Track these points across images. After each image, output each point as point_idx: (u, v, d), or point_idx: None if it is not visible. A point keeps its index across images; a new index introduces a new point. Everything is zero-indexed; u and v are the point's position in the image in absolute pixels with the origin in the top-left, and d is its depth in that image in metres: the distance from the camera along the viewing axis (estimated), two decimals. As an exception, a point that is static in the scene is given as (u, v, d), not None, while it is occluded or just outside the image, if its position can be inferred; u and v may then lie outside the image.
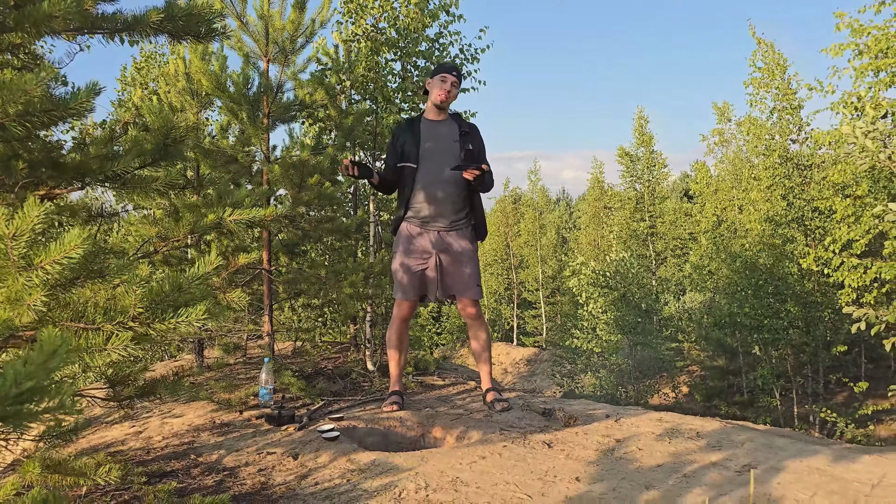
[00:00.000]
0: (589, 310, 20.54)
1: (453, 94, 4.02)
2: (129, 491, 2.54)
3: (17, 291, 1.60)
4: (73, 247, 1.46)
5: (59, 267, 1.48)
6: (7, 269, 1.59)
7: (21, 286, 1.57)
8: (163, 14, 2.40)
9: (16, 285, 1.55)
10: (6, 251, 1.52)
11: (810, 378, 16.93)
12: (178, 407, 4.20)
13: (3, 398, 0.73)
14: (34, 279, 1.58)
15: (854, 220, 11.95)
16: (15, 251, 1.51)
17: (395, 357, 4.11)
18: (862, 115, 6.39)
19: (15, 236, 1.49)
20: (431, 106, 4.06)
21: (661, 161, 32.64)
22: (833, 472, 2.64)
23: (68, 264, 1.56)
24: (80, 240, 1.50)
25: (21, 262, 1.56)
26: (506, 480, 2.61)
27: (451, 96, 4.00)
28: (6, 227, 1.49)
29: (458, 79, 4.03)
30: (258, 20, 4.76)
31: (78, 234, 1.46)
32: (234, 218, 2.39)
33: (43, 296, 1.61)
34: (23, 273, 1.58)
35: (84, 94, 1.92)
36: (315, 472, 2.82)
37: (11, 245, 1.50)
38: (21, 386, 0.75)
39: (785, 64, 17.44)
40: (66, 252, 1.46)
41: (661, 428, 3.36)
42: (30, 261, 1.56)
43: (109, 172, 2.10)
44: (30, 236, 1.53)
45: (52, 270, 1.57)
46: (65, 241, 1.51)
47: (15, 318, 1.64)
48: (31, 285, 1.59)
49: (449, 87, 3.98)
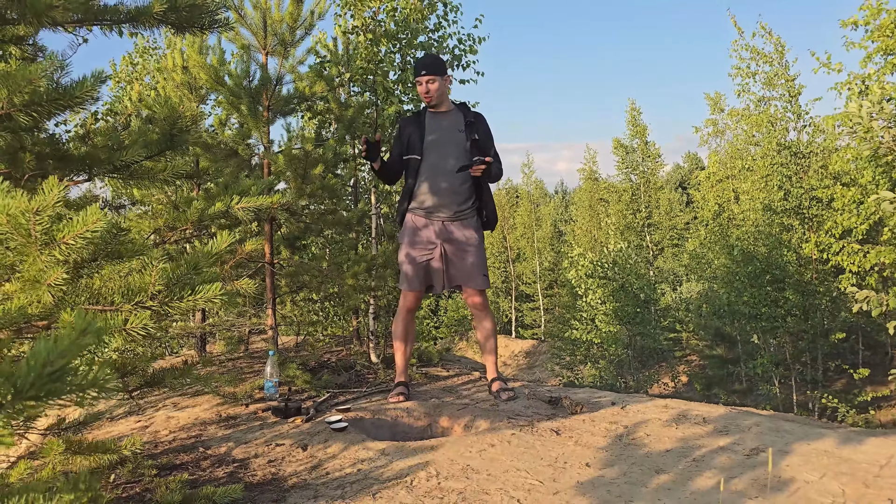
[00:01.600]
0: (588, 301, 20.57)
1: (434, 89, 3.94)
2: (141, 483, 2.54)
3: (37, 271, 1.59)
4: (95, 220, 1.46)
5: (81, 241, 1.48)
6: (28, 248, 1.58)
7: (42, 265, 1.56)
8: (166, 5, 2.38)
9: (37, 264, 1.54)
10: (28, 227, 1.51)
11: (809, 365, 16.99)
12: (183, 401, 4.20)
13: (37, 377, 0.73)
14: (56, 255, 1.57)
15: (855, 206, 11.95)
16: (38, 227, 1.50)
17: (402, 348, 4.11)
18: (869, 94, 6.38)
19: (38, 211, 1.48)
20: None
21: (656, 151, 32.67)
22: (841, 454, 2.65)
23: (91, 237, 1.55)
24: (101, 214, 1.50)
25: (43, 238, 1.55)
26: (516, 467, 2.61)
27: (433, 92, 3.94)
28: (29, 203, 1.48)
29: (429, 73, 3.93)
30: (255, 12, 4.74)
31: (96, 209, 1.46)
32: (242, 206, 2.39)
33: (63, 274, 1.60)
34: (44, 250, 1.57)
35: (90, 83, 1.91)
36: (325, 463, 2.82)
37: (35, 220, 1.49)
38: (54, 364, 0.74)
39: (783, 49, 17.31)
40: (90, 226, 1.46)
41: (667, 414, 3.37)
42: (52, 236, 1.55)
43: (118, 163, 2.09)
44: (52, 212, 1.52)
45: (75, 245, 1.56)
46: (87, 216, 1.51)
47: (30, 306, 1.64)
48: (52, 263, 1.59)
49: (426, 88, 3.93)
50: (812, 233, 15.66)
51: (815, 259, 15.76)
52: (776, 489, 2.29)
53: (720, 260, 19.03)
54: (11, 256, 1.58)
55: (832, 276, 15.89)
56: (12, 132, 1.97)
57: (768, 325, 16.11)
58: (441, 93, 3.99)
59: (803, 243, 15.63)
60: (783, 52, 17.37)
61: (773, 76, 17.43)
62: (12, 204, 1.45)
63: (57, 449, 1.87)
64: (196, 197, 4.64)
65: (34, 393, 0.74)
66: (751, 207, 19.70)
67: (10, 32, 2.24)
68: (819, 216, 15.96)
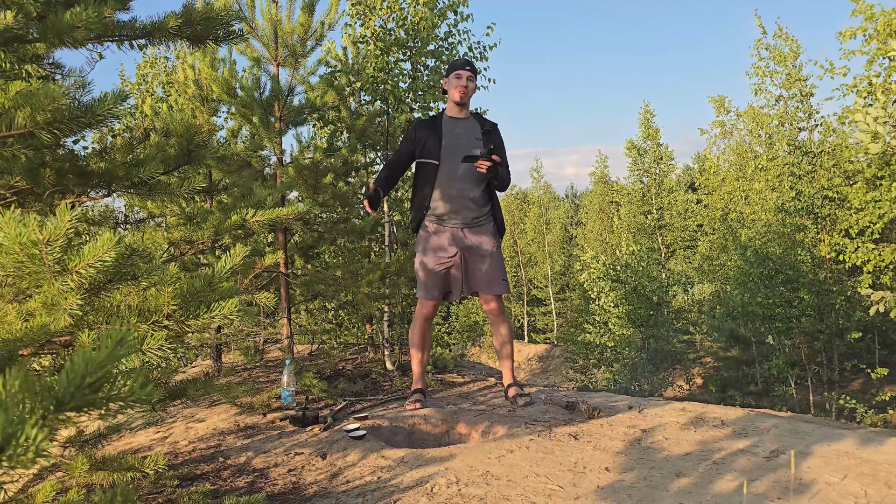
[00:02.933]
0: (600, 304, 20.51)
1: (471, 88, 4.04)
2: (163, 494, 2.56)
3: (53, 296, 1.62)
4: (106, 250, 1.48)
5: (93, 270, 1.50)
6: (42, 275, 1.61)
7: (56, 291, 1.58)
8: (181, 19, 2.41)
9: (52, 290, 1.57)
10: (41, 256, 1.53)
11: (825, 366, 16.86)
12: (201, 412, 4.22)
13: (77, 388, 0.75)
14: (69, 283, 1.60)
15: (873, 204, 11.88)
16: (50, 256, 1.52)
17: (418, 356, 4.12)
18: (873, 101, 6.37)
19: (49, 241, 1.50)
20: (452, 104, 4.08)
21: (668, 154, 32.59)
22: (862, 455, 2.64)
23: (101, 267, 1.57)
24: (112, 243, 1.51)
25: (56, 267, 1.58)
26: (535, 473, 2.62)
27: (469, 91, 4.03)
28: (40, 234, 1.51)
29: (472, 72, 4.06)
30: (266, 24, 4.79)
31: (109, 238, 1.48)
32: (258, 219, 2.41)
33: (78, 300, 1.63)
34: (58, 278, 1.60)
35: (111, 101, 1.94)
36: (345, 471, 2.83)
37: (46, 251, 1.51)
38: (93, 375, 0.76)
39: (798, 50, 17.34)
40: (100, 255, 1.47)
41: (685, 417, 3.36)
42: (64, 265, 1.57)
43: (136, 179, 2.12)
44: (63, 241, 1.55)
45: (87, 274, 1.58)
46: (97, 245, 1.53)
47: (51, 323, 1.66)
48: (66, 289, 1.61)
49: (465, 83, 4.00)
50: (825, 233, 15.57)
51: (829, 259, 15.66)
52: (798, 491, 2.28)
53: (733, 261, 18.93)
54: (27, 281, 1.60)
55: (847, 276, 15.78)
56: (34, 149, 2.00)
57: (783, 325, 16.01)
58: (470, 95, 4.07)
59: (818, 243, 15.53)
60: (797, 54, 17.39)
61: (788, 74, 17.43)
62: (25, 233, 1.47)
63: (82, 466, 1.89)
64: (211, 209, 4.68)
65: (75, 404, 0.76)
66: (762, 208, 19.61)
67: (29, 52, 2.27)
68: (832, 215, 15.87)
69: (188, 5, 2.46)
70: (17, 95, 1.95)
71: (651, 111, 32.50)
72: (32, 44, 2.25)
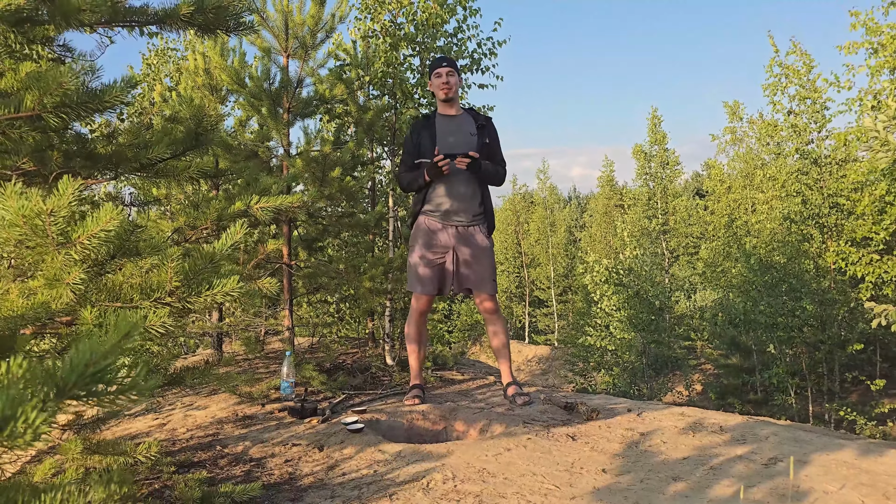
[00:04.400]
0: (602, 307, 20.47)
1: (454, 83, 4.02)
2: (160, 480, 2.56)
3: (56, 270, 1.61)
4: (109, 219, 1.48)
5: (96, 241, 1.49)
6: (45, 248, 1.60)
7: (60, 264, 1.58)
8: (193, 7, 2.41)
9: (55, 263, 1.56)
10: (44, 227, 1.53)
11: (825, 376, 16.80)
12: (200, 400, 4.23)
13: (79, 376, 0.74)
14: (73, 255, 1.60)
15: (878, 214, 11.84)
16: (53, 227, 1.52)
17: (415, 351, 4.12)
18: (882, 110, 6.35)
19: (52, 212, 1.50)
20: (441, 103, 4.08)
21: (675, 159, 32.52)
22: (861, 465, 2.62)
23: (105, 238, 1.57)
24: (115, 213, 1.51)
25: (59, 239, 1.58)
26: (532, 472, 2.61)
27: (452, 86, 4.01)
28: (44, 204, 1.50)
29: (451, 66, 4.03)
30: (277, 15, 4.78)
31: (111, 209, 1.48)
32: (262, 205, 2.41)
33: (81, 273, 1.62)
34: (61, 250, 1.60)
35: (120, 88, 1.94)
36: (342, 464, 2.83)
37: (49, 221, 1.51)
38: (97, 365, 0.75)
39: (811, 64, 17.33)
40: (103, 225, 1.47)
41: (683, 422, 3.35)
42: (67, 236, 1.57)
43: (143, 160, 2.12)
44: (66, 212, 1.54)
45: (90, 245, 1.58)
46: (100, 216, 1.52)
47: (53, 302, 1.66)
48: (70, 262, 1.61)
49: (446, 79, 3.99)
50: (832, 241, 15.52)
51: (833, 269, 15.62)
52: (796, 499, 2.27)
53: (736, 269, 18.89)
54: (31, 256, 1.60)
55: (850, 287, 15.72)
56: (42, 132, 2.00)
57: (784, 334, 15.96)
58: (456, 89, 4.05)
59: (822, 252, 15.49)
60: (810, 68, 17.38)
61: (801, 87, 17.41)
62: (27, 205, 1.47)
63: (75, 448, 1.89)
64: (216, 197, 4.68)
65: (76, 392, 0.76)
66: (768, 217, 19.56)
67: (39, 33, 2.27)
68: (839, 225, 15.82)
69: (200, -8, 2.46)
70: (26, 77, 1.95)
71: (659, 116, 32.42)
72: (42, 25, 2.25)
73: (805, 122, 17.41)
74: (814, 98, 17.07)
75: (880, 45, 11.18)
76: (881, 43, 11.15)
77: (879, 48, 11.21)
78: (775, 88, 18.08)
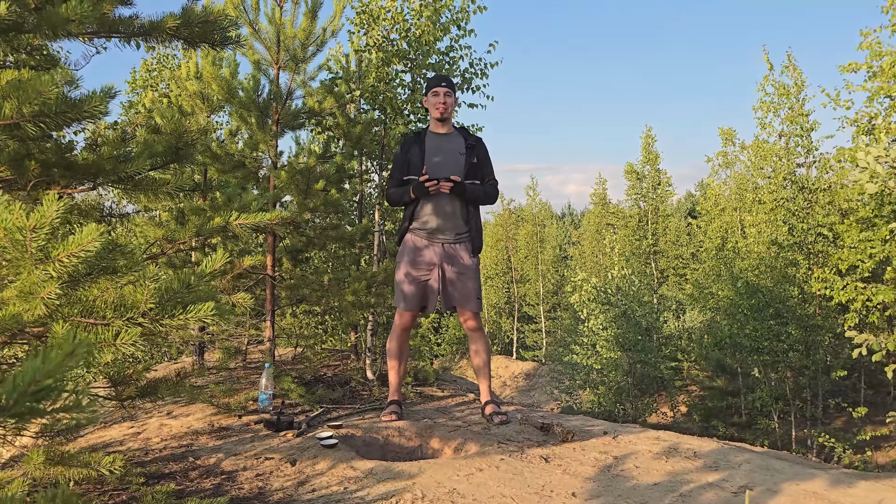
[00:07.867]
0: (589, 325, 20.50)
1: (450, 103, 4.07)
2: (128, 491, 2.55)
3: (31, 284, 1.62)
4: (90, 240, 1.48)
5: (75, 260, 1.50)
6: (23, 262, 1.61)
7: (36, 279, 1.58)
8: (179, 20, 2.43)
9: (31, 278, 1.57)
10: (24, 243, 1.54)
11: (809, 402, 16.85)
12: (177, 409, 4.21)
13: (21, 394, 0.75)
14: (50, 271, 1.60)
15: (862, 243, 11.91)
16: (34, 243, 1.53)
17: (395, 366, 4.13)
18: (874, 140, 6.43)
19: (35, 228, 1.51)
20: (434, 121, 4.11)
21: (666, 180, 32.67)
22: (829, 497, 2.64)
23: (84, 258, 1.58)
24: (97, 234, 1.52)
25: (39, 255, 1.58)
26: (502, 493, 2.61)
27: (448, 106, 4.05)
28: (27, 220, 1.51)
29: (449, 87, 4.08)
30: (269, 27, 4.81)
31: (94, 229, 1.49)
32: (241, 222, 2.42)
33: (56, 289, 1.63)
34: (39, 266, 1.60)
35: (99, 98, 1.95)
36: (313, 479, 2.82)
37: (31, 237, 1.51)
38: (39, 384, 0.76)
39: (802, 83, 17.45)
40: (84, 245, 1.48)
41: (658, 446, 3.36)
42: (47, 253, 1.58)
43: (122, 174, 2.12)
44: (49, 229, 1.55)
45: (69, 263, 1.59)
46: (82, 235, 1.53)
47: (25, 313, 1.66)
48: (46, 278, 1.61)
49: (443, 99, 4.03)
50: (817, 268, 15.61)
51: (818, 295, 15.70)
52: (760, 529, 2.28)
53: (724, 291, 18.96)
54: (7, 268, 1.60)
55: (836, 313, 15.80)
56: (20, 140, 2.01)
57: (769, 359, 16.01)
58: (451, 110, 4.09)
59: (808, 278, 15.56)
60: (801, 87, 17.50)
61: (791, 109, 17.55)
62: (10, 219, 1.47)
63: (37, 459, 1.88)
64: (203, 206, 4.68)
65: (17, 410, 0.76)
66: (756, 241, 19.67)
67: (24, 41, 2.28)
68: (825, 252, 15.92)
69: (188, 8, 2.48)
70: (7, 85, 1.96)
71: (653, 136, 32.60)
72: (28, 34, 2.26)
73: (793, 147, 17.55)
74: (801, 123, 17.22)
75: (880, 70, 11.29)
76: (882, 67, 11.26)
77: (879, 72, 11.33)
78: (767, 108, 18.22)
